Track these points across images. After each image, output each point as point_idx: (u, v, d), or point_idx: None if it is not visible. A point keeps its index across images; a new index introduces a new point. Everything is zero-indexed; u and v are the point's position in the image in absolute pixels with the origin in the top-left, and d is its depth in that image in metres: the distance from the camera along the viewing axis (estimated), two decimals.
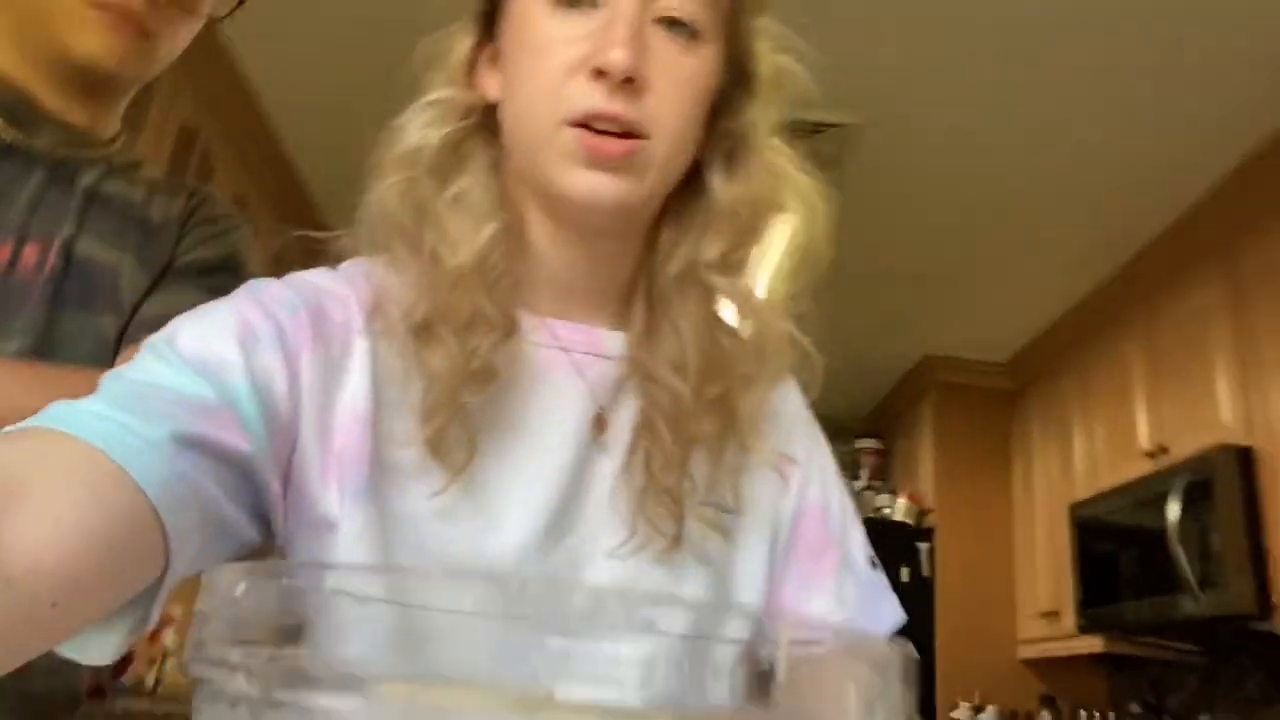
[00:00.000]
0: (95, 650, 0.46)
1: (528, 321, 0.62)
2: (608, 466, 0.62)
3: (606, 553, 0.60)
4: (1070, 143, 2.63)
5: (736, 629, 0.33)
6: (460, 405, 0.57)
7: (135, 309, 0.82)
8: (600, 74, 0.56)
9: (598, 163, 0.56)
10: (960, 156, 2.77)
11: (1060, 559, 3.44)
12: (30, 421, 0.45)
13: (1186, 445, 2.78)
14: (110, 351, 0.80)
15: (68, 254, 0.80)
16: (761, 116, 0.65)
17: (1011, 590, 3.88)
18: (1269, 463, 2.45)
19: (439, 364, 0.57)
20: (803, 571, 0.68)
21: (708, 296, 0.64)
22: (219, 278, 0.84)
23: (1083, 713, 3.54)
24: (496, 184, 0.63)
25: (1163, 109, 2.45)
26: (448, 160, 0.62)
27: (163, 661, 2.95)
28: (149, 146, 2.28)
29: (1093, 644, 3.26)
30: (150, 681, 2.90)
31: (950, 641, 3.79)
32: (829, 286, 0.66)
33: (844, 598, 0.68)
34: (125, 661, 2.69)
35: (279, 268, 0.63)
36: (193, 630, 0.34)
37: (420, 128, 0.63)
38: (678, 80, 0.58)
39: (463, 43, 0.65)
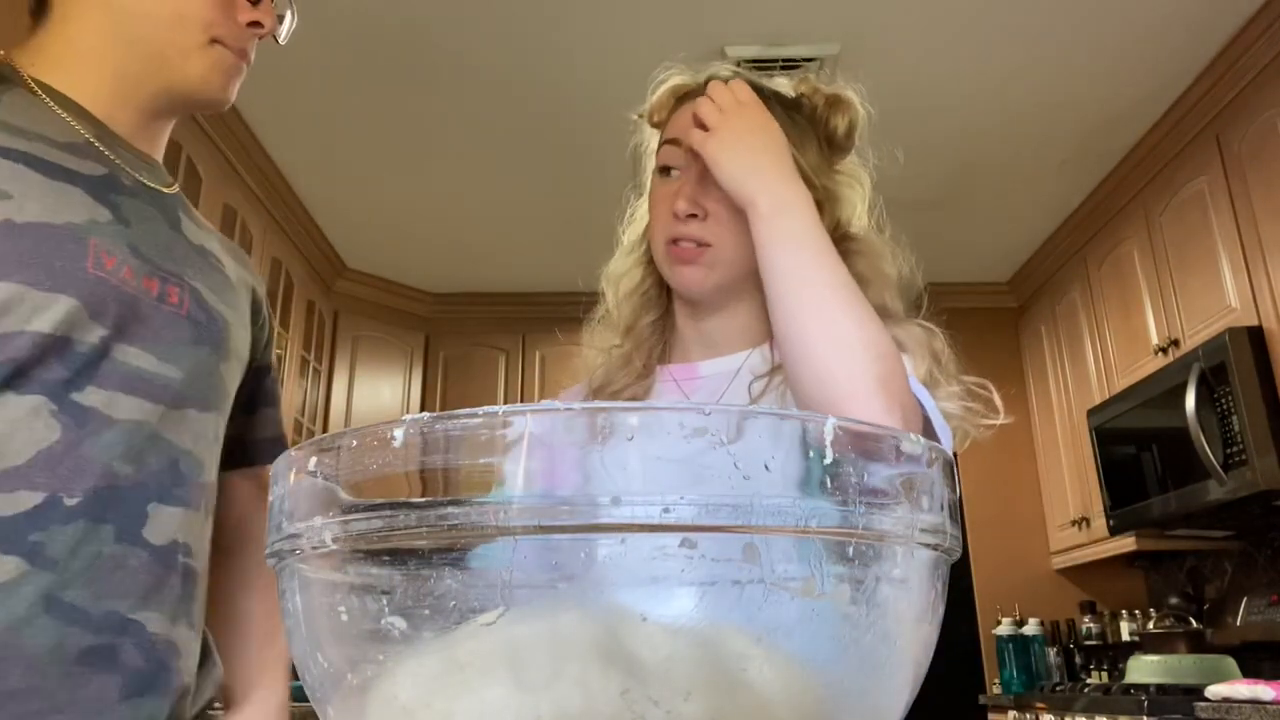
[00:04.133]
0: None
1: (659, 371, 0.98)
2: None
3: None
4: (1049, 54, 2.62)
5: None
6: None
7: (251, 367, 0.96)
8: (675, 214, 0.91)
9: (681, 262, 0.91)
10: (940, 80, 2.77)
11: (1084, 465, 3.47)
12: None
13: (1197, 335, 2.79)
14: (223, 392, 0.89)
15: (197, 300, 0.87)
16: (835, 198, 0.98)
17: (1039, 504, 3.91)
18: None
19: (604, 398, 0.96)
20: None
21: None
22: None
23: (1124, 613, 3.58)
24: (657, 288, 1.01)
25: (1139, 2, 2.44)
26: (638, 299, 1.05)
27: None
28: None
29: (1125, 544, 3.29)
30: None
31: (985, 562, 3.83)
32: None
33: None
34: None
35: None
36: (270, 519, 0.36)
37: (619, 307, 1.03)
38: (726, 208, 0.89)
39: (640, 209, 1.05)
